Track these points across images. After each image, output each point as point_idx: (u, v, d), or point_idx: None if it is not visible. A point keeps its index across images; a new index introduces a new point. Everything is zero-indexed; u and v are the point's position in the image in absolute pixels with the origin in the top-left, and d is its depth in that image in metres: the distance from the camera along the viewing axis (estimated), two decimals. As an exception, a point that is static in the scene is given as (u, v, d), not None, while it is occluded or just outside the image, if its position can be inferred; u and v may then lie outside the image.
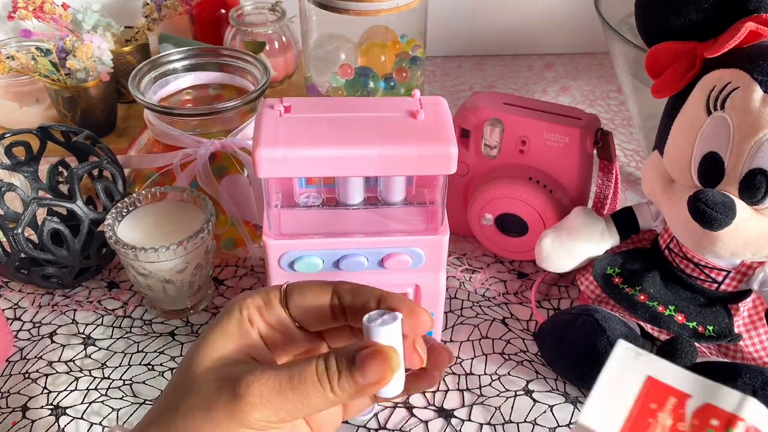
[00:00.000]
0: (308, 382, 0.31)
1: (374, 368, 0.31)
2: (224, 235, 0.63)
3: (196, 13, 0.89)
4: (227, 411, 0.31)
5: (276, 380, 0.31)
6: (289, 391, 0.31)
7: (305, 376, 0.32)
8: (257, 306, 0.35)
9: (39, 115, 0.81)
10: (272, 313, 0.36)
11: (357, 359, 0.31)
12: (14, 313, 0.59)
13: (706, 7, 0.45)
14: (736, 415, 0.26)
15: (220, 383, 0.32)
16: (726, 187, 0.44)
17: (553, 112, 0.59)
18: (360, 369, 0.31)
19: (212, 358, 0.34)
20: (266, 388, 0.31)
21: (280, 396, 0.31)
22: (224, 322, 0.35)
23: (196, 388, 0.33)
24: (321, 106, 0.46)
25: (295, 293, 0.36)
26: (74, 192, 0.55)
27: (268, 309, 0.36)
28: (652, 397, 0.28)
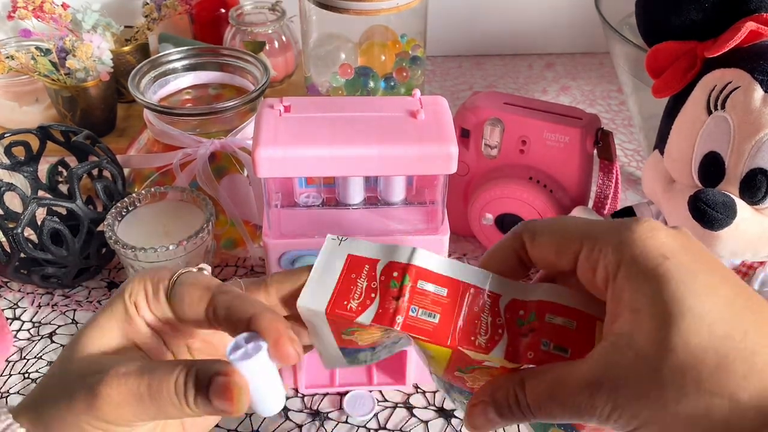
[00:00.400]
0: (164, 393, 0.30)
1: (224, 400, 0.30)
2: (224, 235, 0.63)
3: (196, 13, 0.89)
4: (85, 405, 0.31)
5: (135, 384, 0.30)
6: (147, 398, 0.30)
7: (162, 387, 0.30)
8: (145, 293, 0.34)
9: (39, 114, 0.80)
10: (157, 305, 0.34)
11: (212, 384, 0.30)
12: (14, 312, 0.59)
13: (707, 7, 0.45)
14: (408, 264, 0.33)
15: (85, 373, 0.32)
16: (726, 187, 0.44)
17: (553, 111, 0.59)
18: (213, 395, 0.30)
19: (94, 343, 0.33)
20: (124, 391, 0.30)
21: (138, 401, 0.30)
22: (113, 304, 0.34)
23: (68, 374, 0.32)
24: (321, 105, 0.46)
25: (177, 292, 0.34)
26: (74, 192, 0.55)
27: (154, 299, 0.34)
28: (352, 270, 0.33)
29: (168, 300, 0.34)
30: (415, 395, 0.53)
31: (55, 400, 0.32)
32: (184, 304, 0.33)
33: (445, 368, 0.33)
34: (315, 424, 0.50)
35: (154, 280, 0.34)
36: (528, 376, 0.30)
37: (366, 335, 0.34)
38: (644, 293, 0.27)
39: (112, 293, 0.60)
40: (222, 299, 0.33)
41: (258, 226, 0.63)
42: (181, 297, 0.33)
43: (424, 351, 0.33)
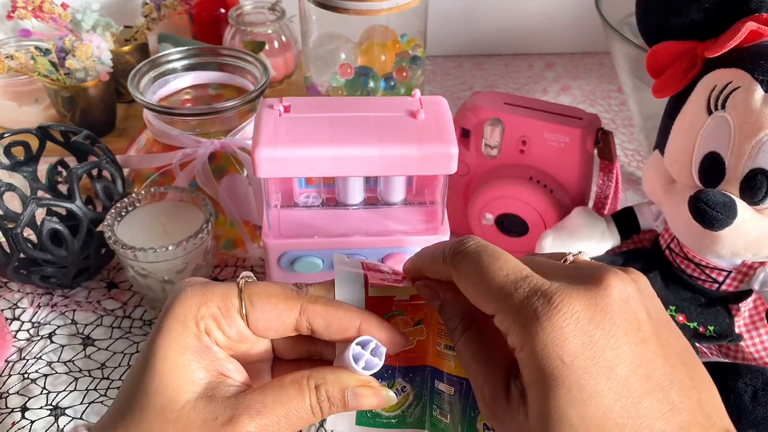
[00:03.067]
0: (303, 414, 0.32)
1: (372, 403, 0.33)
2: (224, 235, 0.63)
3: (196, 13, 0.89)
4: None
5: (274, 417, 0.31)
6: (285, 425, 0.32)
7: (301, 412, 0.32)
8: (214, 316, 0.32)
9: (38, 114, 0.80)
10: (230, 325, 0.33)
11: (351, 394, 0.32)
12: (13, 313, 0.59)
13: (707, 7, 0.45)
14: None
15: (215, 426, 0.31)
16: (727, 187, 0.44)
17: (553, 111, 0.59)
18: (355, 401, 0.32)
19: (183, 387, 0.31)
20: (266, 428, 0.31)
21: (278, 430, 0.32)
22: (180, 336, 0.32)
23: (181, 427, 0.31)
24: (321, 105, 0.45)
25: (256, 305, 0.33)
26: (73, 192, 0.55)
27: (226, 320, 0.33)
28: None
29: (243, 316, 0.33)
30: (415, 396, 0.53)
31: None
32: (266, 320, 0.33)
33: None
34: (315, 424, 0.50)
35: (216, 300, 0.33)
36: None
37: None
38: (534, 391, 0.28)
39: (111, 293, 0.61)
40: (316, 310, 0.33)
41: (258, 226, 0.63)
42: (262, 312, 0.33)
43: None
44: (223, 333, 0.33)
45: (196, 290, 0.33)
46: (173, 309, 0.32)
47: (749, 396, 0.44)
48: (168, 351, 0.31)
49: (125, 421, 0.31)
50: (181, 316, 0.32)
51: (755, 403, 0.44)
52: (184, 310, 0.32)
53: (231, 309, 0.33)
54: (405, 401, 0.35)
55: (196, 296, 0.32)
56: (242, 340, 0.33)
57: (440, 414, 0.35)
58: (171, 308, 0.32)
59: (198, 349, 0.32)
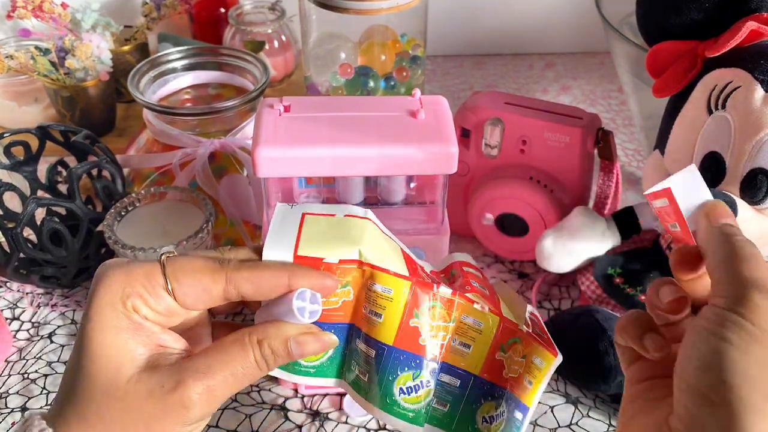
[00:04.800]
0: (249, 371, 0.33)
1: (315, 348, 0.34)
2: (224, 235, 0.63)
3: (196, 13, 0.89)
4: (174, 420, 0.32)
5: (220, 377, 0.32)
6: (232, 383, 0.33)
7: (246, 367, 0.33)
8: (140, 295, 0.32)
9: (38, 114, 0.80)
10: (158, 302, 0.33)
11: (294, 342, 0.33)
12: (13, 313, 0.59)
13: (707, 7, 0.44)
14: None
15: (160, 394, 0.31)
16: (727, 187, 0.44)
17: (553, 111, 0.59)
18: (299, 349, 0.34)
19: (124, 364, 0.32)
20: (213, 388, 0.32)
21: (226, 390, 0.33)
22: (111, 317, 0.32)
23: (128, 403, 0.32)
24: (321, 105, 0.45)
25: (181, 280, 0.33)
26: (73, 192, 0.55)
27: (153, 297, 0.33)
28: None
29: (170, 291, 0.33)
30: (415, 395, 0.53)
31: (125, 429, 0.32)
32: (194, 294, 0.33)
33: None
34: (315, 424, 0.50)
35: (141, 277, 0.33)
36: None
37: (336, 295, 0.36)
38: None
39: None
40: (242, 276, 0.33)
41: (257, 226, 0.63)
42: (188, 286, 0.33)
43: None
44: (152, 310, 0.33)
45: (119, 272, 0.33)
46: (98, 292, 0.33)
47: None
48: (101, 333, 0.32)
49: (72, 405, 0.32)
50: (107, 299, 0.32)
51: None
52: (110, 292, 0.32)
53: (156, 287, 0.33)
54: (325, 353, 0.36)
55: (119, 277, 0.33)
56: (173, 314, 0.34)
57: (359, 371, 0.36)
58: (96, 292, 0.33)
59: (131, 327, 0.32)
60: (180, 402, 0.31)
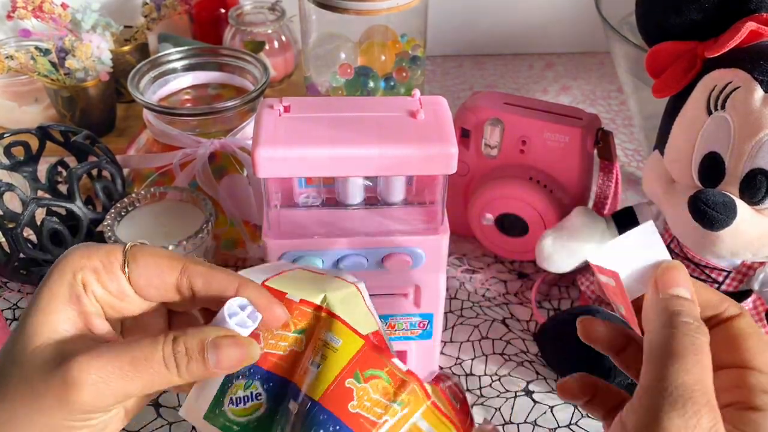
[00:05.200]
0: (154, 364, 0.30)
1: (232, 356, 0.31)
2: (224, 235, 0.63)
3: (196, 13, 0.89)
4: (57, 399, 0.28)
5: (116, 362, 0.29)
6: (132, 373, 0.29)
7: (151, 358, 0.30)
8: (94, 268, 0.31)
9: (38, 114, 0.80)
10: (111, 279, 0.32)
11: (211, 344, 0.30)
12: (13, 313, 0.59)
13: (707, 7, 0.44)
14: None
15: (49, 367, 0.29)
16: (727, 187, 0.44)
17: (553, 111, 0.59)
18: (215, 354, 0.30)
19: (41, 332, 0.30)
20: (106, 371, 0.29)
21: (121, 379, 0.29)
22: (54, 284, 0.31)
23: (24, 371, 0.29)
24: (321, 105, 0.45)
25: (139, 261, 0.32)
26: (73, 192, 0.55)
27: (107, 274, 0.32)
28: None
29: (125, 272, 0.32)
30: (415, 395, 0.53)
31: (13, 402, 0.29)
32: (149, 272, 0.32)
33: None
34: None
35: (100, 254, 0.32)
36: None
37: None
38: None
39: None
40: (197, 270, 0.33)
41: (258, 226, 0.63)
42: (146, 266, 0.32)
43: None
44: (102, 286, 0.32)
45: (82, 246, 0.32)
46: (57, 262, 0.32)
47: (749, 396, 0.44)
48: (39, 298, 0.31)
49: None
50: (60, 267, 0.32)
51: (755, 403, 0.44)
52: (66, 261, 0.32)
53: (114, 263, 0.32)
54: (254, 410, 0.32)
55: (80, 250, 0.32)
56: (123, 297, 0.33)
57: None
58: (56, 262, 0.32)
59: (67, 298, 0.31)
60: (63, 379, 0.28)
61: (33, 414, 0.29)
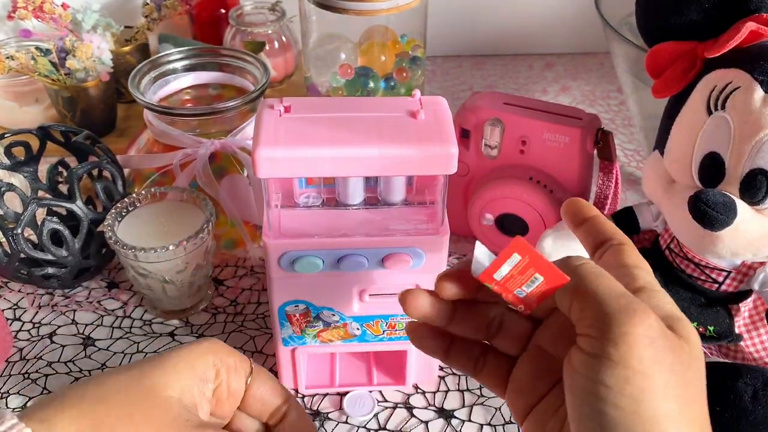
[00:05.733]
0: None
1: None
2: (224, 235, 0.63)
3: (196, 13, 0.89)
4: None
5: None
6: None
7: None
8: (229, 365, 0.36)
9: (38, 115, 0.80)
10: (237, 379, 0.36)
11: None
12: (14, 313, 0.59)
13: (707, 7, 0.45)
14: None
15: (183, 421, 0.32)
16: (727, 188, 0.44)
17: (553, 111, 0.59)
18: None
19: (175, 386, 0.33)
20: None
21: None
22: (196, 357, 0.35)
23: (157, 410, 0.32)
24: (321, 106, 0.45)
25: (260, 376, 0.37)
26: (74, 192, 0.55)
27: (235, 373, 0.36)
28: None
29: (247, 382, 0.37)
30: (415, 395, 0.53)
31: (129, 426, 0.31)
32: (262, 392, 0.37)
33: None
34: (315, 424, 0.50)
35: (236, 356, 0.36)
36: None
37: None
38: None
39: (112, 293, 0.61)
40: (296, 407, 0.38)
41: (258, 226, 0.63)
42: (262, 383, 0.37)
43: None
44: (227, 382, 0.36)
45: (223, 343, 0.37)
46: (201, 342, 0.36)
47: (749, 396, 0.44)
48: (182, 358, 0.34)
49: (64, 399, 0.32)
50: (205, 349, 0.35)
51: (755, 403, 0.44)
52: (210, 346, 0.35)
53: (242, 369, 0.36)
54: None
55: (223, 344, 0.36)
56: (233, 400, 0.37)
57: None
58: (200, 341, 0.36)
59: (202, 377, 0.34)
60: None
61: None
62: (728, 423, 0.44)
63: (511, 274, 0.33)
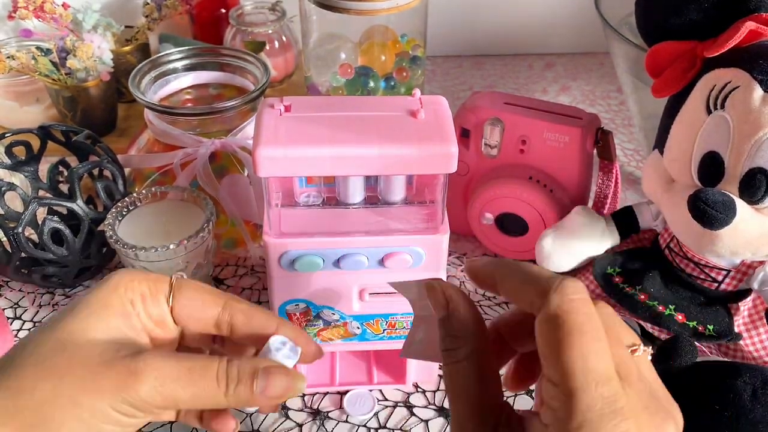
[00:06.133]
0: (207, 379, 0.31)
1: (280, 385, 0.32)
2: (224, 234, 0.63)
3: (197, 13, 0.89)
4: (116, 383, 0.30)
5: (176, 367, 0.31)
6: (186, 381, 0.31)
7: (205, 372, 0.31)
8: (141, 292, 0.34)
9: (39, 114, 0.81)
10: (155, 305, 0.34)
11: (262, 371, 0.32)
12: (14, 312, 0.59)
13: (706, 7, 0.45)
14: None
15: (113, 353, 0.30)
16: (726, 187, 0.44)
17: (553, 111, 0.59)
18: (264, 381, 0.32)
19: (96, 327, 0.31)
20: (165, 371, 0.30)
21: (175, 383, 0.30)
22: (105, 296, 0.33)
23: (79, 354, 0.30)
24: (321, 105, 0.46)
25: (183, 293, 0.34)
26: (74, 191, 0.55)
27: (152, 299, 0.34)
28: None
29: (169, 302, 0.34)
30: (415, 394, 0.53)
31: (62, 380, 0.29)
32: (193, 304, 0.34)
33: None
34: (315, 423, 0.51)
35: (149, 280, 0.34)
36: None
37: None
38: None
39: (112, 293, 0.61)
40: (239, 307, 0.35)
41: (258, 225, 0.63)
42: (191, 298, 0.34)
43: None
44: (145, 311, 0.33)
45: (132, 271, 0.35)
46: (107, 279, 0.34)
47: (748, 395, 0.44)
48: (92, 302, 0.32)
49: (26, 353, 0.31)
50: (110, 283, 0.33)
51: (754, 402, 0.44)
52: (116, 279, 0.33)
53: (159, 292, 0.34)
54: None
55: (130, 274, 0.34)
56: (162, 325, 0.34)
57: None
58: (105, 279, 0.34)
59: (119, 312, 0.33)
60: (128, 367, 0.30)
61: (81, 395, 0.29)
62: (727, 422, 0.45)
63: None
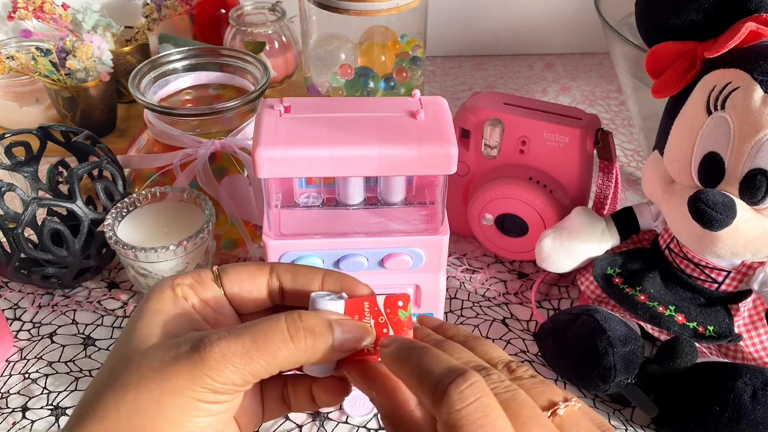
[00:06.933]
0: (275, 338, 0.30)
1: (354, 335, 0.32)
2: (224, 235, 0.63)
3: (196, 13, 0.89)
4: (189, 376, 0.29)
5: (239, 340, 0.30)
6: (255, 351, 0.30)
7: (272, 334, 0.30)
8: (189, 284, 0.34)
9: (39, 115, 0.81)
10: (207, 289, 0.34)
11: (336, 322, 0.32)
12: (14, 313, 0.59)
13: (707, 7, 0.45)
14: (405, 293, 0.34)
15: (176, 350, 0.30)
16: (726, 187, 0.44)
17: (553, 112, 0.59)
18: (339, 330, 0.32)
19: (155, 334, 0.31)
20: (230, 348, 0.30)
21: (245, 356, 0.30)
22: (156, 302, 0.33)
23: (146, 361, 0.30)
24: (321, 106, 0.46)
25: (229, 271, 0.35)
26: (74, 192, 0.55)
27: (201, 286, 0.34)
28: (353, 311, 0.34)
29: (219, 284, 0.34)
30: (415, 395, 0.53)
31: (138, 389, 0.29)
32: (241, 277, 0.34)
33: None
34: (315, 424, 0.51)
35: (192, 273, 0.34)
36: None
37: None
38: None
39: (112, 293, 0.61)
40: (283, 266, 0.35)
41: (258, 226, 0.63)
42: (237, 272, 0.35)
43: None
44: (199, 298, 0.34)
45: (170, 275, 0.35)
46: (152, 289, 0.34)
47: (749, 396, 0.44)
48: (145, 313, 0.32)
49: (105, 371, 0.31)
50: (157, 289, 0.33)
51: (755, 402, 0.44)
52: (163, 285, 0.33)
53: (206, 279, 0.34)
54: None
55: (171, 276, 0.34)
56: (219, 308, 0.34)
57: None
58: (150, 290, 0.34)
59: (173, 311, 0.32)
60: (192, 362, 0.29)
61: (163, 397, 0.29)
62: (728, 422, 0.45)
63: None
